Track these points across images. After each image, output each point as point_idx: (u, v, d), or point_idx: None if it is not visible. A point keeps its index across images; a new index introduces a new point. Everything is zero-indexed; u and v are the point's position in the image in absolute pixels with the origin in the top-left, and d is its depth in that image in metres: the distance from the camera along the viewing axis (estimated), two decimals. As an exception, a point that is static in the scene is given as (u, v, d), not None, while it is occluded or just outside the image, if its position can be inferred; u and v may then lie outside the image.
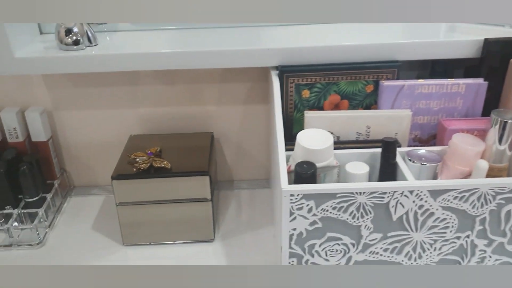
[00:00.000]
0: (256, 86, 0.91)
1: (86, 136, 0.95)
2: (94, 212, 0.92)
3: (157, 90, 0.91)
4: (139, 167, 0.78)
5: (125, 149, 0.86)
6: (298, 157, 0.67)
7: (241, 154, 0.98)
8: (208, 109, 0.93)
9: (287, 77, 0.73)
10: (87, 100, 0.91)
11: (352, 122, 0.73)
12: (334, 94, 0.75)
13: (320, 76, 0.73)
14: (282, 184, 0.62)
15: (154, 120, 0.93)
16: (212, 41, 0.78)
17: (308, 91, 0.74)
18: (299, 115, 0.76)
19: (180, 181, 0.78)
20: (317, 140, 0.67)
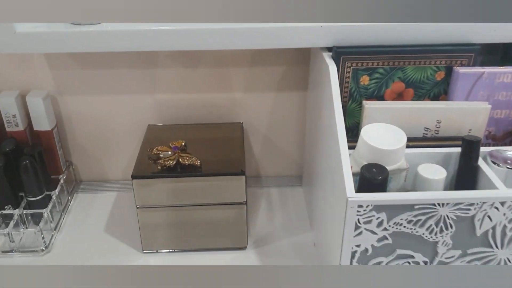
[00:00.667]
0: (292, 70, 0.79)
1: (95, 124, 0.83)
2: (106, 212, 0.81)
3: (177, 73, 0.79)
4: (164, 164, 0.66)
5: (144, 141, 0.74)
6: (362, 157, 0.56)
7: (270, 147, 0.87)
8: (235, 96, 0.81)
9: (344, 60, 0.62)
10: (97, 84, 0.79)
11: (420, 115, 0.62)
12: (398, 81, 0.64)
13: (383, 59, 0.62)
14: (348, 192, 0.51)
15: (174, 108, 0.82)
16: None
17: (367, 77, 0.63)
18: (354, 105, 0.65)
19: (212, 181, 0.67)
20: (386, 138, 0.56)
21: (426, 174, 0.56)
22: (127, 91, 0.80)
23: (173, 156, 0.68)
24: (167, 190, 0.67)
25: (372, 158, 0.55)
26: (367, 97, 0.64)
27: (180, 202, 0.68)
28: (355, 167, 0.57)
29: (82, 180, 0.89)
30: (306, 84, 0.80)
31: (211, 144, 0.74)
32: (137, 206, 0.68)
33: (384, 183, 0.54)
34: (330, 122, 0.59)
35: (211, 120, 0.82)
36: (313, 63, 0.73)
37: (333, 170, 0.58)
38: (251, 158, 0.88)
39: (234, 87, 0.80)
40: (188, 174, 0.66)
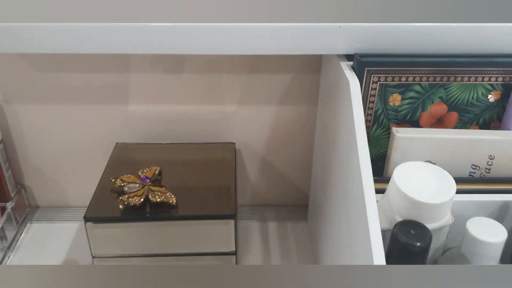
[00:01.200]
0: (298, 80, 0.64)
1: (53, 140, 0.68)
2: (63, 248, 0.65)
3: (155, 79, 0.63)
4: (129, 202, 0.51)
5: (109, 165, 0.59)
6: (394, 209, 0.41)
7: (269, 172, 0.71)
8: (227, 109, 0.66)
9: (369, 72, 0.46)
10: (55, 90, 0.64)
11: (466, 148, 0.47)
12: (439, 103, 0.48)
13: (421, 73, 0.46)
14: (375, 260, 0.36)
15: (149, 122, 0.66)
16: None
17: (399, 95, 0.47)
18: (380, 132, 0.49)
19: (192, 225, 0.51)
20: (429, 185, 0.40)
21: (479, 234, 0.41)
22: (92, 100, 0.64)
23: (141, 191, 0.52)
24: (132, 236, 0.52)
25: (409, 213, 0.40)
26: (397, 122, 0.49)
27: (150, 251, 0.53)
28: (384, 221, 0.42)
29: (39, 206, 0.73)
30: (315, 97, 0.64)
31: (193, 171, 0.58)
32: (93, 255, 0.53)
33: (424, 252, 0.39)
34: (349, 156, 0.44)
35: (195, 139, 0.67)
36: (326, 72, 0.57)
37: (353, 222, 0.42)
38: (246, 185, 0.72)
39: (226, 98, 0.65)
40: (158, 217, 0.51)
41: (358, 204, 0.40)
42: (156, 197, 0.52)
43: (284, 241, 0.68)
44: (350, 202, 0.43)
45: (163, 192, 0.52)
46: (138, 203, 0.51)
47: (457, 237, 0.44)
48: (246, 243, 0.67)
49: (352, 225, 0.43)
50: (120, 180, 0.54)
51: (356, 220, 0.41)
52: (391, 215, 0.41)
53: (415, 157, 0.47)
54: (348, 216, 0.44)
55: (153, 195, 0.52)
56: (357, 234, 0.41)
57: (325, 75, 0.57)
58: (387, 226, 0.42)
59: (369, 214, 0.38)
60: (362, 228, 0.39)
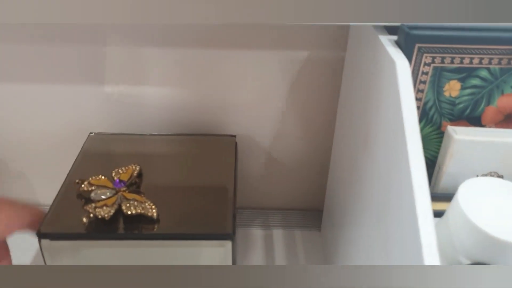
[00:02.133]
0: (316, 58, 0.51)
1: (17, 127, 0.56)
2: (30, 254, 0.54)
3: (136, 55, 0.50)
4: (95, 214, 0.39)
5: (78, 163, 0.47)
6: (458, 245, 0.29)
7: (276, 170, 0.60)
8: (226, 96, 0.53)
9: (420, 50, 0.34)
10: (16, 66, 0.51)
11: (549, 157, 0.35)
12: (511, 94, 0.36)
13: (491, 53, 0.34)
14: None
15: (130, 108, 0.54)
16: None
17: (459, 83, 0.35)
18: (429, 130, 0.37)
19: (178, 247, 0.40)
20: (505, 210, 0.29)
21: None
22: (61, 79, 0.52)
23: (113, 199, 0.40)
24: (98, 258, 0.40)
25: (482, 253, 0.28)
26: (452, 118, 0.37)
27: (121, 277, 0.41)
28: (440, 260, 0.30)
29: (3, 203, 0.62)
30: (338, 81, 0.52)
31: (182, 173, 0.46)
32: (51, 279, 0.41)
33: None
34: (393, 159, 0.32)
35: (186, 130, 0.55)
36: (354, 48, 0.45)
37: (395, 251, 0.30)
38: (248, 184, 0.61)
39: (225, 80, 0.52)
40: (134, 235, 0.39)
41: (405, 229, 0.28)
42: (131, 208, 0.40)
43: (292, 252, 0.57)
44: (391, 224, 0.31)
45: (141, 201, 0.40)
46: (107, 215, 0.39)
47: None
48: (245, 255, 0.56)
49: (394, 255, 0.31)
50: (87, 183, 0.42)
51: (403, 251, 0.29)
52: (451, 253, 0.29)
53: (477, 167, 0.35)
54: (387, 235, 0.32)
55: (127, 205, 0.40)
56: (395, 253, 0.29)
57: (354, 53, 0.45)
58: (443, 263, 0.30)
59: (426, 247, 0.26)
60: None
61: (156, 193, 0.43)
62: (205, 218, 0.41)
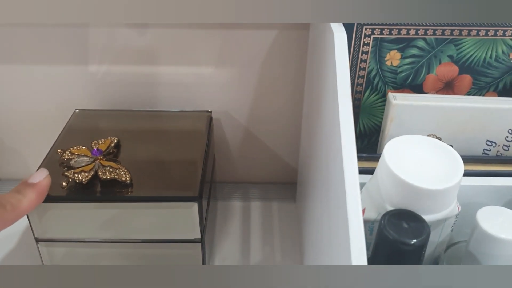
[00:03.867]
0: (285, 36, 0.54)
1: (9, 106, 0.59)
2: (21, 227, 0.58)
3: (120, 35, 0.54)
4: (74, 178, 0.43)
5: (63, 136, 0.51)
6: (385, 196, 0.32)
7: (252, 144, 0.63)
8: (202, 71, 0.57)
9: (360, 25, 0.37)
10: (6, 48, 0.55)
11: (480, 120, 0.38)
12: (448, 63, 0.39)
13: (425, 26, 0.37)
14: (353, 261, 0.28)
15: (113, 86, 0.57)
16: None
17: (399, 53, 0.38)
18: (374, 98, 0.40)
19: (148, 209, 0.43)
20: (429, 164, 0.32)
21: (493, 227, 0.32)
22: (47, 61, 0.56)
23: (91, 165, 0.44)
24: (77, 219, 0.44)
25: (402, 200, 0.31)
26: (395, 86, 0.40)
27: (99, 236, 0.45)
28: (370, 209, 0.33)
29: (0, 179, 0.66)
30: (304, 56, 0.55)
31: (158, 145, 0.50)
32: (36, 238, 0.45)
33: (419, 251, 0.30)
34: (331, 126, 0.35)
35: (164, 106, 0.58)
36: (313, 27, 0.48)
37: (332, 208, 0.34)
38: (226, 159, 0.64)
39: (201, 57, 0.56)
40: (108, 197, 0.43)
41: (338, 187, 0.32)
42: (106, 173, 0.44)
43: (269, 222, 0.60)
44: (331, 184, 0.35)
45: (116, 167, 0.44)
46: (84, 180, 0.43)
47: (465, 229, 0.36)
48: (225, 225, 0.60)
49: (332, 213, 0.34)
50: (69, 152, 0.46)
51: (336, 207, 0.33)
52: (380, 203, 0.33)
53: (416, 130, 0.38)
54: (328, 201, 0.36)
55: (103, 171, 0.44)
56: (337, 224, 0.33)
57: (312, 30, 0.48)
58: (375, 216, 0.33)
59: (349, 199, 0.30)
60: (342, 218, 0.31)
61: (131, 162, 0.46)
62: (174, 183, 0.45)
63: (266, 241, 0.58)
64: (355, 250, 0.28)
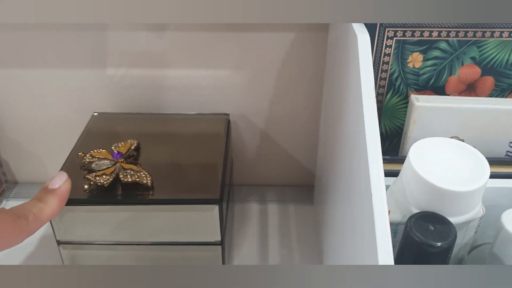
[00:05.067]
0: (302, 39, 0.54)
1: (27, 110, 0.60)
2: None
3: (138, 39, 0.54)
4: (95, 181, 0.43)
5: (81, 139, 0.51)
6: (411, 198, 0.32)
7: (270, 147, 0.63)
8: (220, 74, 0.57)
9: (382, 26, 0.37)
10: (27, 53, 0.56)
11: (503, 122, 0.37)
12: (471, 65, 0.39)
13: (448, 28, 0.37)
14: (380, 261, 0.28)
15: (131, 89, 0.58)
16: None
17: (421, 55, 0.38)
18: (396, 100, 0.40)
19: (169, 212, 0.43)
20: (455, 167, 0.32)
21: (521, 231, 0.32)
22: (66, 65, 0.56)
23: (112, 168, 0.44)
24: (98, 221, 0.44)
25: (428, 203, 0.31)
26: (417, 88, 0.40)
27: (120, 239, 0.45)
28: (396, 211, 0.33)
29: (18, 182, 0.67)
30: (323, 59, 0.55)
31: (177, 148, 0.50)
32: (58, 241, 0.45)
33: (447, 253, 0.30)
34: (355, 129, 0.35)
35: (183, 109, 0.59)
36: (333, 29, 0.48)
37: (357, 211, 0.34)
38: (243, 162, 0.64)
39: (220, 61, 0.56)
40: (129, 200, 0.43)
41: (363, 189, 0.32)
42: (127, 176, 0.44)
43: (286, 225, 0.60)
44: (355, 187, 0.35)
45: (137, 170, 0.44)
46: (106, 183, 0.43)
47: (489, 232, 0.36)
48: (242, 227, 0.60)
49: (356, 215, 0.34)
50: (89, 155, 0.47)
51: (361, 209, 0.32)
52: (405, 205, 0.32)
53: (439, 132, 0.38)
54: (352, 203, 0.36)
55: (124, 174, 0.44)
56: (362, 227, 0.33)
57: (332, 32, 0.48)
58: (400, 218, 0.33)
59: (375, 201, 0.30)
60: (368, 220, 0.30)
61: (152, 165, 0.46)
62: (195, 186, 0.45)
63: (284, 243, 0.58)
64: (381, 252, 0.28)
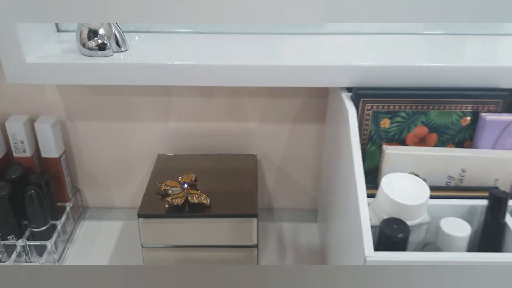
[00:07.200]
0: (309, 102, 0.76)
1: (104, 151, 0.81)
2: (111, 243, 0.78)
3: (191, 102, 0.76)
4: (172, 202, 0.64)
5: (153, 172, 0.72)
6: (382, 210, 0.53)
7: (284, 179, 0.84)
8: (250, 127, 0.78)
9: (364, 102, 0.58)
10: (108, 110, 0.77)
11: (443, 163, 0.59)
12: (421, 126, 0.60)
13: (405, 103, 0.59)
14: (366, 251, 0.48)
15: (186, 137, 0.79)
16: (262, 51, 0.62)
17: (388, 120, 0.60)
18: (373, 148, 0.61)
19: (222, 222, 0.64)
20: (409, 191, 0.53)
21: (450, 230, 0.53)
22: (138, 119, 0.77)
23: (182, 193, 0.65)
24: (174, 229, 0.64)
25: (393, 212, 0.52)
26: (387, 140, 0.61)
27: (187, 242, 0.65)
28: (374, 219, 0.54)
29: (89, 207, 0.87)
30: (323, 117, 0.77)
31: (222, 178, 0.71)
32: (143, 245, 0.65)
33: (404, 241, 0.51)
34: (348, 168, 0.56)
35: (223, 151, 0.80)
36: (331, 97, 0.70)
37: (350, 220, 0.55)
38: (264, 190, 0.85)
39: (249, 117, 0.78)
40: (196, 215, 0.64)
41: (354, 205, 0.53)
42: (194, 198, 0.64)
43: (297, 239, 0.80)
44: (349, 204, 0.56)
45: (200, 194, 0.65)
46: (179, 203, 0.64)
47: (435, 234, 0.56)
48: (264, 240, 0.80)
49: (350, 223, 0.55)
50: (164, 184, 0.67)
51: (353, 218, 0.53)
52: (380, 214, 0.53)
53: (402, 169, 0.59)
54: (347, 216, 0.56)
55: (191, 197, 0.65)
56: (354, 229, 0.53)
57: (331, 101, 0.70)
58: (376, 222, 0.54)
59: (362, 212, 0.51)
60: (357, 224, 0.51)
61: (207, 190, 0.67)
62: (239, 204, 0.65)
63: (296, 250, 0.78)
64: (367, 243, 0.49)
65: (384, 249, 0.50)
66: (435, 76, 0.58)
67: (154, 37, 0.67)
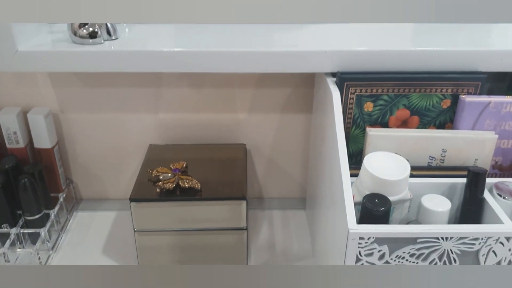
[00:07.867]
0: (296, 93, 0.78)
1: (97, 143, 0.82)
2: (104, 232, 0.79)
3: (181, 93, 0.78)
4: (163, 187, 0.65)
5: (145, 161, 0.73)
6: (365, 186, 0.55)
7: (273, 169, 0.86)
8: (239, 117, 0.80)
9: (347, 86, 0.60)
10: (100, 102, 0.78)
11: (424, 144, 0.61)
12: (403, 109, 0.62)
13: (388, 86, 0.61)
14: (349, 224, 0.50)
15: (177, 127, 0.81)
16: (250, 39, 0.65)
17: (372, 103, 0.62)
18: (357, 131, 0.64)
19: (212, 205, 0.66)
20: (390, 168, 0.55)
21: (430, 205, 0.55)
22: (130, 110, 0.79)
23: (173, 179, 0.67)
24: (165, 213, 0.66)
25: (375, 188, 0.54)
26: (371, 123, 0.63)
27: (179, 226, 0.67)
28: (358, 196, 0.56)
29: (82, 198, 0.88)
30: (310, 106, 0.79)
31: (213, 166, 0.73)
32: (135, 229, 0.67)
33: (386, 215, 0.53)
34: (332, 149, 0.58)
35: (214, 140, 0.81)
36: (317, 86, 0.72)
37: (335, 198, 0.56)
38: (254, 179, 0.87)
39: (239, 107, 0.80)
40: (187, 198, 0.65)
41: (337, 183, 0.55)
42: (185, 183, 0.66)
43: (286, 226, 0.82)
44: (334, 183, 0.57)
45: (190, 179, 0.67)
46: (171, 188, 0.65)
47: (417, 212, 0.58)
48: (255, 228, 0.81)
49: (334, 201, 0.57)
50: (156, 171, 0.69)
51: (337, 196, 0.55)
52: (362, 191, 0.55)
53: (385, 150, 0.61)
54: (332, 195, 0.58)
55: (182, 182, 0.66)
56: (338, 206, 0.55)
57: (317, 89, 0.72)
58: (360, 199, 0.56)
59: (345, 189, 0.53)
60: (341, 201, 0.53)
61: (197, 176, 0.69)
62: (230, 188, 0.67)
63: (285, 234, 0.79)
64: (350, 217, 0.51)
65: (366, 222, 0.52)
66: (417, 60, 0.60)
67: (144, 27, 0.69)
